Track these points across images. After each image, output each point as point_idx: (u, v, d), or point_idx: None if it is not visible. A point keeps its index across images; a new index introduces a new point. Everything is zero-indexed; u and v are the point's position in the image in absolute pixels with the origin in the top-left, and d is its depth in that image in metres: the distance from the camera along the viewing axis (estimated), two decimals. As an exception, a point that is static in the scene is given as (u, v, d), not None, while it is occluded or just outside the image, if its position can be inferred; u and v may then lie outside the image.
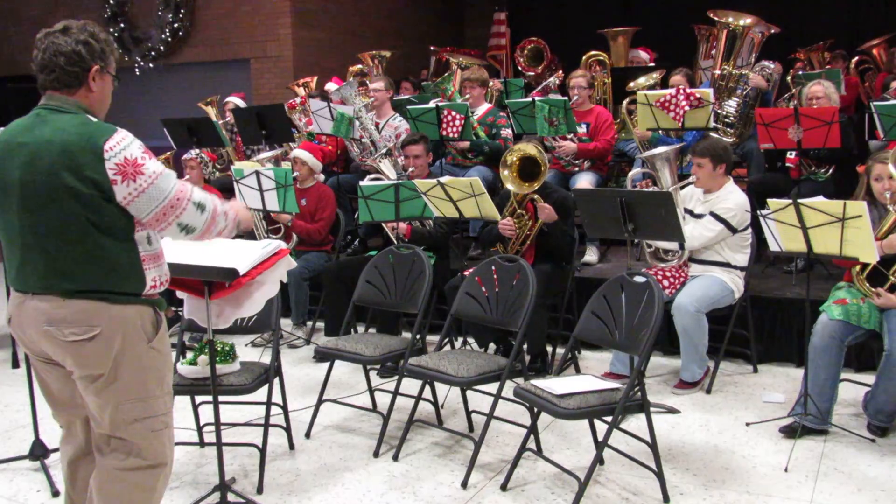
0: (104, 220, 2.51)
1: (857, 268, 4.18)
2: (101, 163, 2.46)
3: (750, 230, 4.91)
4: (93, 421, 2.70)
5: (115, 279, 2.56)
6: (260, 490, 3.79)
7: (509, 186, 5.13)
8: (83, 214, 2.49)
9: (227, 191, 6.67)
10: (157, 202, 2.55)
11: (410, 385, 4.29)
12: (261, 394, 3.94)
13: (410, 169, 5.93)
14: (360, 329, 5.76)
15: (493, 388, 3.97)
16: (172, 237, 2.70)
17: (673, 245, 4.97)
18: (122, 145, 2.49)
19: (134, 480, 2.68)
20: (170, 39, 12.04)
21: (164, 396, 2.72)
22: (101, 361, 2.57)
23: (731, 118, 6.64)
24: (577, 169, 6.60)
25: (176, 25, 11.96)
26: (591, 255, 6.49)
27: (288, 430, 4.25)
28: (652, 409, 3.83)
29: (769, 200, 4.07)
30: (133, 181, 2.50)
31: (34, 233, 2.54)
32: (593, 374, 4.15)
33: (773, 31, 7.12)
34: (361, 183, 5.57)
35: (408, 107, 6.95)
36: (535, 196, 5.09)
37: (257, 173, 5.76)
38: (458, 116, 6.49)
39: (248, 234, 6.49)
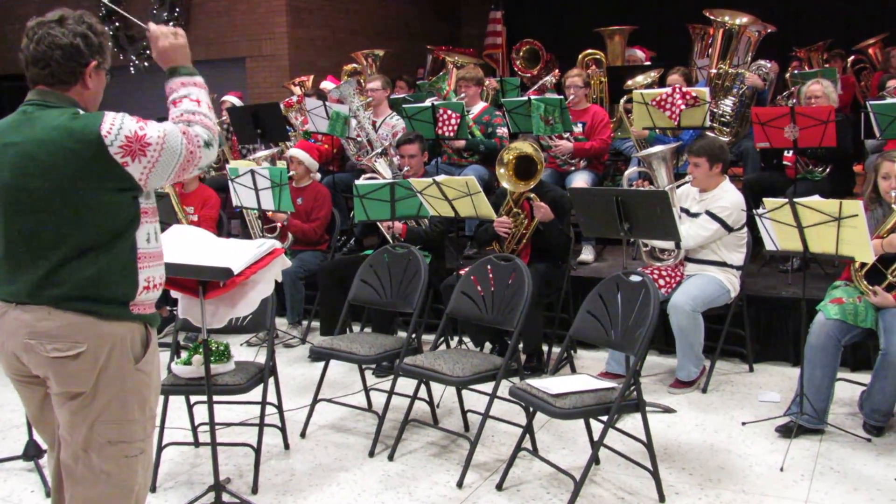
0: (108, 215, 2.39)
1: (857, 265, 4.16)
2: (105, 151, 2.33)
3: (746, 229, 4.90)
4: (62, 441, 2.51)
5: (106, 281, 2.40)
6: (255, 490, 3.78)
7: (505, 185, 5.12)
8: (87, 214, 2.36)
9: (222, 190, 6.68)
10: (173, 164, 2.43)
11: (406, 384, 4.28)
12: (256, 393, 3.93)
13: (406, 168, 5.92)
14: (356, 328, 5.75)
15: (488, 387, 3.96)
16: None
17: (669, 244, 4.96)
18: (118, 125, 2.35)
19: None
20: (165, 38, 12.00)
21: (144, 421, 2.54)
22: (83, 380, 2.42)
23: (728, 117, 6.64)
24: (573, 168, 6.59)
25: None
26: (587, 255, 6.49)
27: (283, 429, 4.24)
28: (648, 408, 3.82)
29: (765, 200, 4.07)
30: (143, 156, 2.37)
31: (24, 237, 2.39)
32: (589, 373, 4.15)
33: (769, 30, 7.11)
34: (357, 182, 5.55)
35: (403, 105, 6.94)
36: (532, 195, 5.09)
37: (252, 172, 5.74)
38: (453, 115, 6.48)
39: (244, 234, 6.49)
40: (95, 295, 2.41)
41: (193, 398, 4.20)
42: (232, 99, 8.68)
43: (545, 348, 5.35)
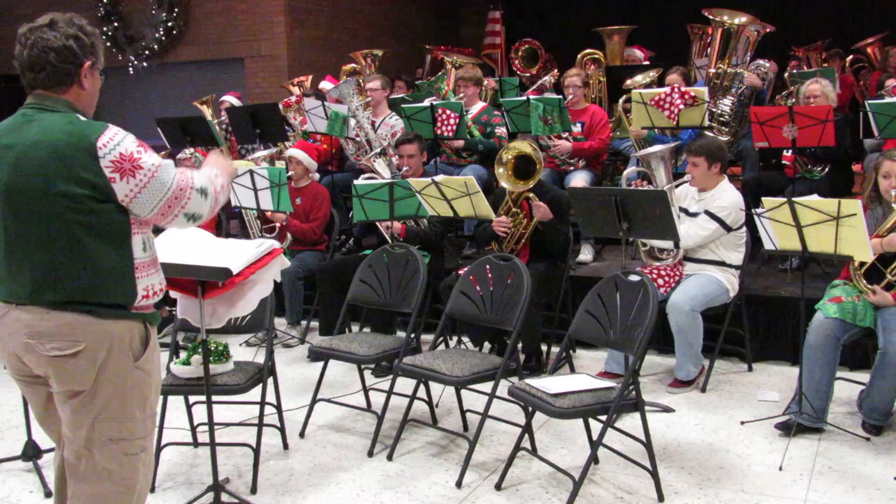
0: (98, 223, 2.39)
1: (857, 264, 4.16)
2: (96, 161, 2.34)
3: (744, 229, 4.91)
4: (65, 439, 2.54)
5: (103, 289, 2.42)
6: (254, 490, 3.78)
7: (504, 185, 5.12)
8: (75, 219, 2.36)
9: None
10: (159, 196, 2.44)
11: (405, 384, 4.28)
12: (255, 393, 3.93)
13: (404, 168, 5.92)
14: (355, 328, 5.76)
15: (487, 387, 3.96)
16: (179, 227, 2.62)
17: (668, 244, 4.97)
18: (116, 141, 2.37)
19: None
20: (164, 38, 12.01)
21: (144, 419, 2.56)
22: (83, 378, 2.44)
23: (726, 117, 6.63)
24: (572, 168, 6.59)
25: (170, 24, 11.93)
26: (585, 254, 6.49)
27: (282, 429, 4.24)
28: (647, 407, 3.82)
29: (764, 199, 4.07)
30: (132, 177, 2.37)
31: (21, 240, 2.41)
32: (588, 373, 4.15)
33: (768, 29, 7.12)
34: (355, 182, 5.56)
35: (402, 105, 6.94)
36: (531, 194, 5.09)
37: (251, 172, 5.74)
38: (452, 115, 6.47)
39: (243, 234, 6.49)
40: (94, 300, 2.43)
41: (192, 398, 4.20)
42: (231, 99, 8.68)
43: (544, 348, 5.35)
